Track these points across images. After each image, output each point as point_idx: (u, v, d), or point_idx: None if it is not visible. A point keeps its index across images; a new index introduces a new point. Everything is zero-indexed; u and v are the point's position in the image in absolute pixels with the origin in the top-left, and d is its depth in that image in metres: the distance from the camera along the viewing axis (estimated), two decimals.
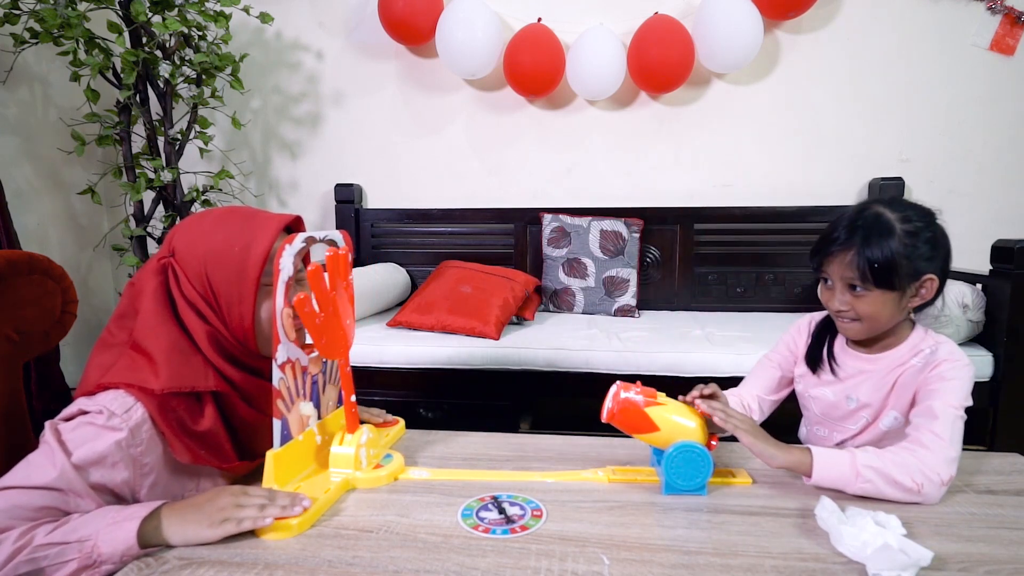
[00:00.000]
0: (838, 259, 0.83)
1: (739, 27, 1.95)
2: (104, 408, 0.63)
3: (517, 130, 2.32)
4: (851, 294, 0.83)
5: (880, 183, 2.08)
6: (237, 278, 0.68)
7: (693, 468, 0.75)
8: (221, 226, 0.71)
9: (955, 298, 1.48)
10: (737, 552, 0.62)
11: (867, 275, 0.80)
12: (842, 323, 0.88)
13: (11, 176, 1.91)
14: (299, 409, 0.75)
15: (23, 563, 0.56)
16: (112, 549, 0.58)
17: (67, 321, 1.10)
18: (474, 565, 0.60)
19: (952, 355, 0.83)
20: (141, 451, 0.64)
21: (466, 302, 1.78)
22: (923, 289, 0.83)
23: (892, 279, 0.80)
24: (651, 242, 2.21)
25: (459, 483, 0.79)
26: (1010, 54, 2.04)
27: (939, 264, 0.83)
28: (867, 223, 0.82)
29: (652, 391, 0.79)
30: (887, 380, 0.87)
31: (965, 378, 0.81)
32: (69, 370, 1.68)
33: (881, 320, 0.84)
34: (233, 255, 0.68)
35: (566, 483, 0.79)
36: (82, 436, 0.62)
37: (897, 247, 0.80)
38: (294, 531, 0.65)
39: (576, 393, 1.64)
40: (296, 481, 0.74)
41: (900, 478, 0.73)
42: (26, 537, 0.57)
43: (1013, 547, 0.63)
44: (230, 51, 1.95)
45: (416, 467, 0.81)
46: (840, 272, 0.84)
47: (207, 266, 0.68)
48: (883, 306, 0.82)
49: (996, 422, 1.48)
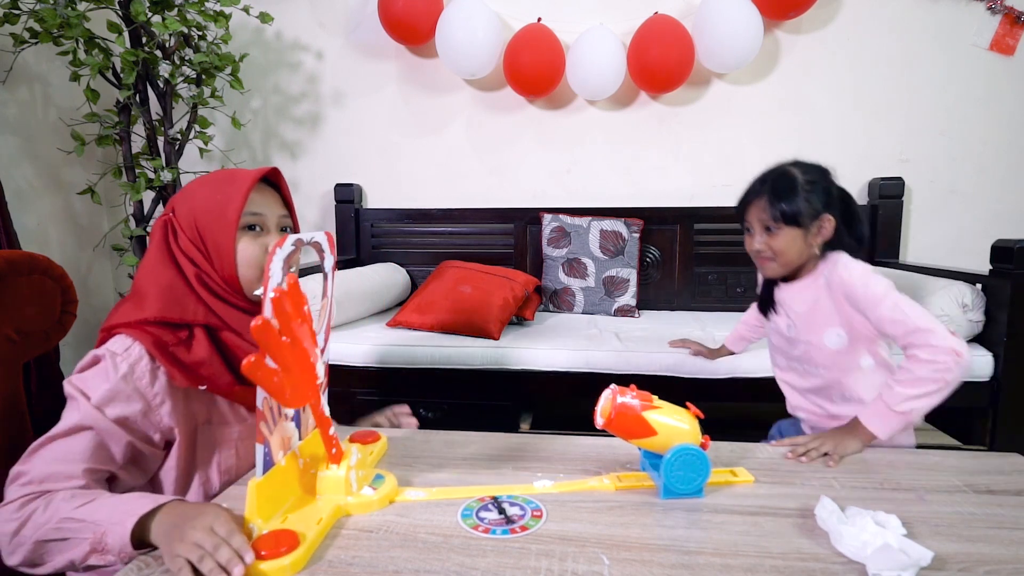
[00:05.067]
0: (756, 206, 1.04)
1: (739, 27, 1.95)
2: (107, 351, 0.73)
3: (517, 130, 2.32)
4: (767, 235, 1.03)
5: (880, 183, 2.08)
6: (219, 226, 0.77)
7: (692, 471, 0.74)
8: (208, 184, 0.81)
9: (955, 298, 1.48)
10: (737, 552, 0.62)
11: (777, 215, 1.01)
12: (761, 263, 1.07)
13: (11, 176, 1.91)
14: (283, 429, 0.70)
15: (51, 530, 0.64)
16: (114, 542, 0.62)
17: (67, 321, 1.10)
18: (474, 565, 0.60)
19: (847, 269, 1.00)
20: (145, 383, 0.73)
21: (466, 302, 1.78)
22: (823, 228, 1.01)
23: (797, 217, 1.00)
24: (651, 242, 2.21)
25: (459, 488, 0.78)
26: (1010, 54, 2.04)
27: (835, 210, 1.02)
28: (775, 177, 1.04)
29: (647, 395, 0.77)
30: (806, 305, 1.06)
31: (868, 277, 0.98)
32: (69, 370, 1.67)
33: (791, 255, 1.03)
34: (217, 206, 0.78)
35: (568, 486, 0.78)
36: (94, 379, 0.72)
37: (799, 192, 1.00)
38: (288, 572, 0.58)
39: (576, 393, 1.63)
40: (282, 513, 0.67)
41: (922, 376, 0.88)
42: (62, 504, 0.64)
43: (1013, 547, 0.63)
44: (230, 51, 1.95)
45: (412, 487, 0.77)
46: (757, 215, 1.04)
47: (196, 218, 0.78)
48: (792, 242, 1.02)
49: (996, 422, 1.48)
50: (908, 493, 0.76)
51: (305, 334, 0.68)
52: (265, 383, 0.62)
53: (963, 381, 1.44)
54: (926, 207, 2.15)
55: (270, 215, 0.82)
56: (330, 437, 0.72)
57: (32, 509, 0.65)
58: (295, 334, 0.65)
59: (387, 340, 1.70)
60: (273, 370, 0.63)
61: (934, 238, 2.16)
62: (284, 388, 0.64)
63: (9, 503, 0.66)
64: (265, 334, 0.61)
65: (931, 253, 2.15)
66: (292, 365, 0.65)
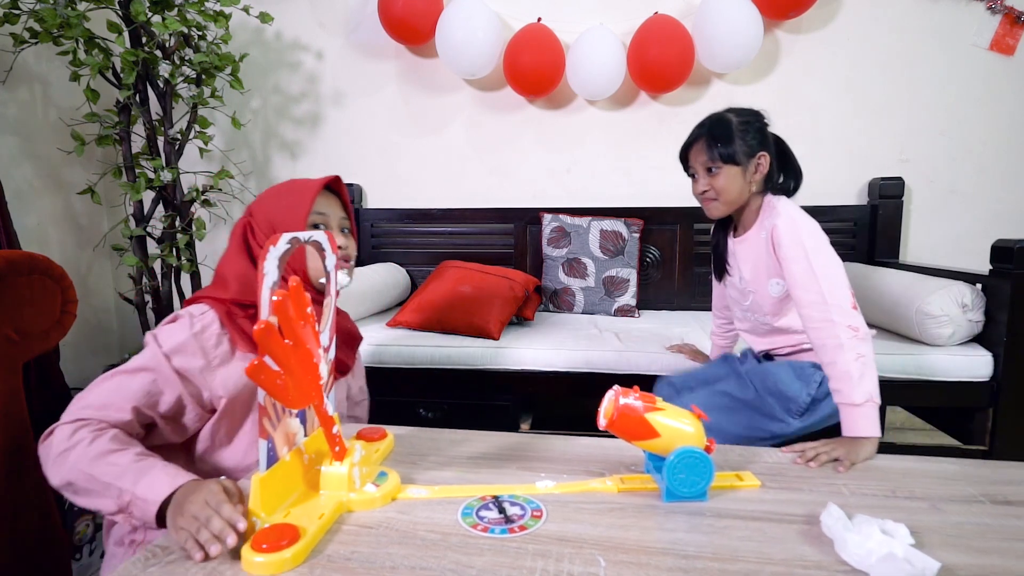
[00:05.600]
0: (695, 149, 1.13)
1: (739, 27, 1.95)
2: (187, 312, 0.85)
3: (517, 130, 2.32)
4: (709, 176, 1.12)
5: (880, 183, 2.08)
6: (291, 223, 0.89)
7: (695, 474, 0.73)
8: (280, 190, 0.95)
9: (955, 298, 1.48)
10: (737, 557, 0.61)
11: (715, 155, 1.09)
12: (707, 205, 1.16)
13: (11, 176, 1.91)
14: (286, 425, 0.70)
15: (83, 476, 0.71)
16: (140, 515, 0.70)
17: (67, 321, 1.10)
18: (470, 563, 0.60)
19: (782, 222, 1.06)
20: (211, 344, 0.84)
21: (466, 302, 1.78)
22: (760, 165, 1.10)
23: (734, 155, 1.09)
24: (651, 242, 2.21)
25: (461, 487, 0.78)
26: (1010, 54, 2.04)
27: (769, 149, 1.11)
28: (712, 121, 1.13)
29: (651, 396, 0.77)
30: (752, 256, 1.15)
31: (796, 235, 1.04)
32: (69, 370, 1.68)
33: (732, 193, 1.12)
34: (289, 207, 0.90)
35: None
36: (169, 332, 0.83)
37: (734, 133, 1.09)
38: (287, 565, 0.59)
39: (576, 393, 1.63)
40: (285, 507, 0.68)
41: (847, 367, 0.94)
42: (100, 453, 0.72)
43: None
44: (230, 51, 1.95)
45: (414, 485, 0.78)
46: (698, 158, 1.13)
47: (271, 218, 0.90)
48: (732, 180, 1.10)
49: (996, 422, 1.48)
50: (921, 502, 0.74)
51: (308, 336, 0.68)
52: (268, 385, 0.63)
53: (963, 381, 1.47)
54: (926, 207, 2.15)
55: (333, 216, 0.95)
56: (333, 435, 0.73)
57: (79, 440, 0.73)
58: (298, 336, 0.66)
59: (387, 340, 1.70)
60: (275, 372, 0.63)
61: (934, 238, 2.16)
62: (287, 390, 0.65)
63: (65, 424, 0.75)
64: (267, 337, 0.61)
65: (931, 253, 2.15)
66: (295, 367, 0.66)
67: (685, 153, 1.17)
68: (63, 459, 0.72)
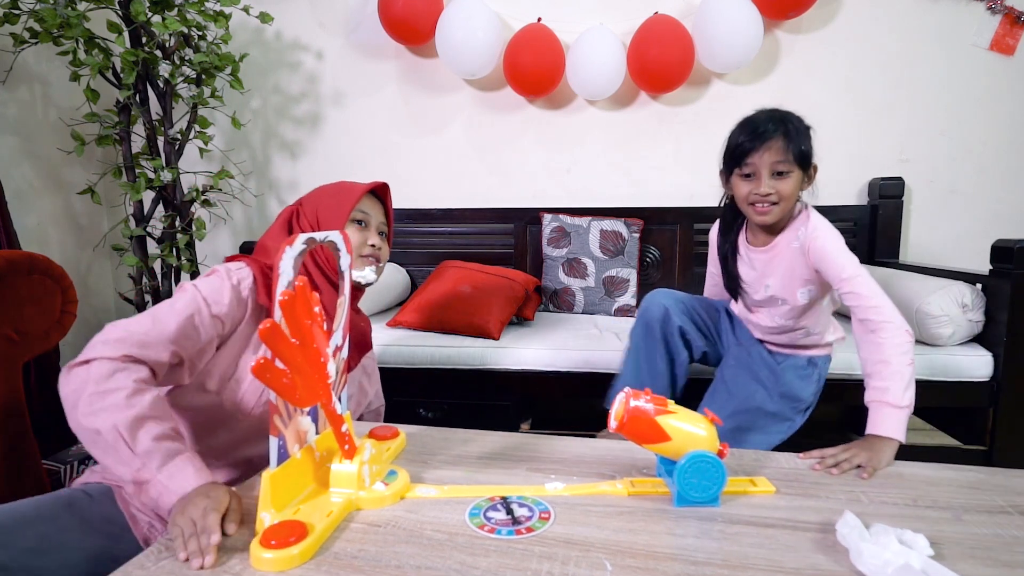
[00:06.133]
0: (769, 147, 1.02)
1: (739, 27, 1.95)
2: (226, 268, 0.90)
3: (517, 130, 2.32)
4: (775, 179, 1.03)
5: (880, 183, 2.08)
6: (335, 215, 0.95)
7: (707, 479, 0.72)
8: (331, 187, 1.01)
9: (955, 298, 1.48)
10: (747, 565, 0.60)
11: (793, 157, 1.01)
12: (761, 209, 1.06)
13: (11, 176, 1.91)
14: (297, 423, 0.71)
15: (112, 434, 0.68)
16: (152, 498, 0.69)
17: (67, 321, 1.10)
18: (475, 564, 0.60)
19: (822, 239, 1.03)
20: (245, 295, 0.89)
21: (466, 302, 1.78)
22: (811, 175, 1.06)
23: (807, 160, 1.03)
24: (651, 242, 2.21)
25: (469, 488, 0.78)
26: (1010, 54, 2.04)
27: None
28: (786, 118, 1.04)
29: (662, 399, 0.76)
30: (782, 267, 1.10)
31: (840, 254, 1.02)
32: None
33: (792, 200, 1.06)
34: (336, 202, 0.97)
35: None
36: (208, 281, 0.87)
37: (809, 134, 1.04)
38: (295, 562, 0.60)
39: (576, 393, 1.63)
40: (295, 504, 0.69)
41: (901, 368, 0.92)
42: (138, 425, 0.70)
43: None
44: (230, 51, 1.95)
45: (423, 484, 0.77)
46: (770, 159, 1.02)
47: (318, 209, 0.97)
48: (796, 186, 1.05)
49: (996, 422, 1.48)
50: (944, 511, 0.72)
51: (316, 335, 0.69)
52: (275, 384, 0.63)
53: (963, 381, 1.47)
54: (926, 207, 2.15)
55: (374, 217, 1.01)
56: (342, 433, 0.73)
57: (116, 387, 0.70)
58: (305, 335, 0.66)
59: (387, 340, 1.70)
60: (282, 371, 0.64)
61: (934, 238, 2.16)
62: (294, 389, 0.66)
63: (105, 360, 0.73)
64: (273, 337, 0.62)
65: (931, 253, 2.15)
66: (302, 366, 0.66)
67: (746, 150, 1.04)
68: (96, 402, 0.69)
